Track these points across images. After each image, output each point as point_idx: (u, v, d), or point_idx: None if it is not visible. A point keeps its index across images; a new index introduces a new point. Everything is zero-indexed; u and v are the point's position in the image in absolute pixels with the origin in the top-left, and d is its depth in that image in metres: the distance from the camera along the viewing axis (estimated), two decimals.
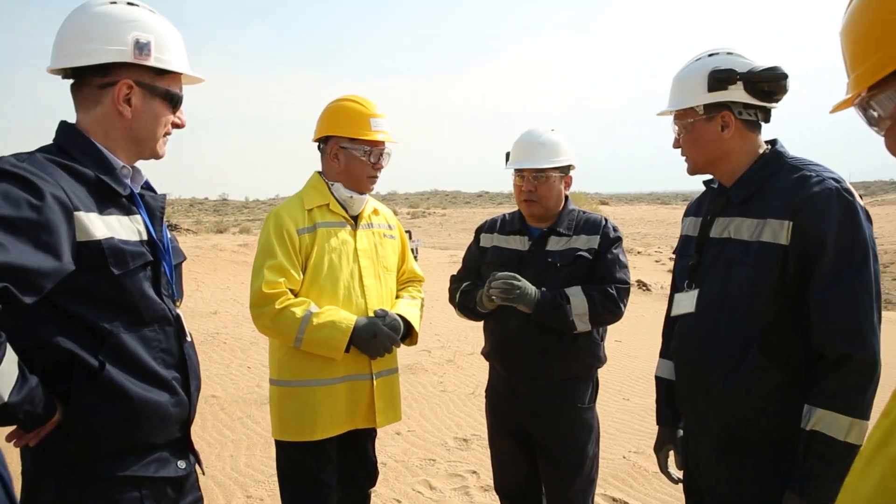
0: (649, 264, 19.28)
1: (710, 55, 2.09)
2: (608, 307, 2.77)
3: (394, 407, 2.89)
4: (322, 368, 2.66)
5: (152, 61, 1.70)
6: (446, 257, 16.89)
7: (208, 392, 5.95)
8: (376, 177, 2.83)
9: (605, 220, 2.96)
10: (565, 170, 2.91)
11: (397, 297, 2.97)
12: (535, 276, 2.82)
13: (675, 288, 2.29)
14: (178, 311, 1.85)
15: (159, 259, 1.77)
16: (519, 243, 2.97)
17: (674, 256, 2.43)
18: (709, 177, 2.26)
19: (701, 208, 2.28)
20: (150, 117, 1.74)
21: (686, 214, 2.40)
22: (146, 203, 1.80)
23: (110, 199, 1.67)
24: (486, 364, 3.11)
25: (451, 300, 3.13)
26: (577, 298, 2.74)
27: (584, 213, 2.99)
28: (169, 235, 1.94)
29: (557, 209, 2.92)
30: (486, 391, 3.16)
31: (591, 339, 2.86)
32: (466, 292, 3.02)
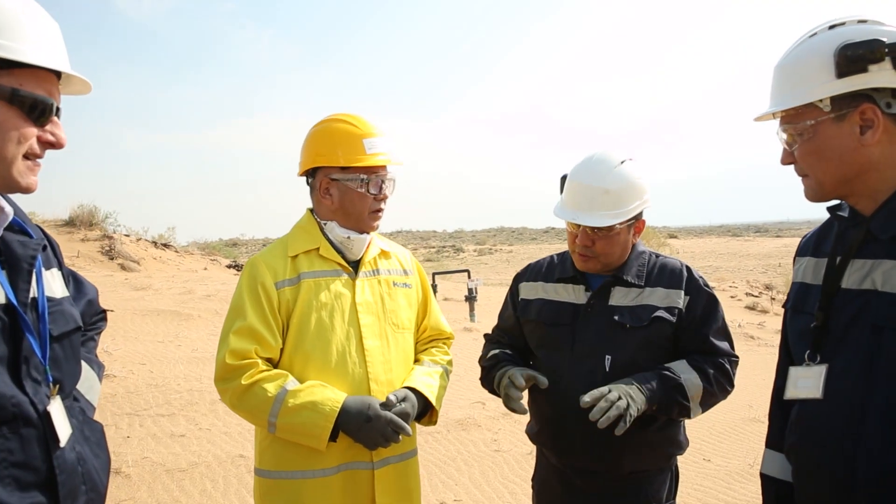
0: (724, 300, 18.15)
1: (833, 27, 1.49)
2: (723, 387, 2.15)
3: (407, 502, 2.23)
4: (311, 456, 2.09)
5: None
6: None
7: (236, 451, 5.41)
8: (381, 210, 2.25)
9: (687, 267, 2.26)
10: (636, 217, 2.22)
11: (416, 361, 2.36)
12: (597, 340, 2.16)
13: (790, 358, 1.70)
14: (56, 402, 1.33)
15: (21, 331, 1.27)
16: (573, 294, 2.28)
17: (781, 310, 1.83)
18: (834, 201, 1.64)
19: (824, 245, 1.67)
20: None
21: (800, 253, 1.78)
22: (9, 251, 1.31)
23: None
24: None
25: (480, 363, 2.50)
26: (688, 376, 2.08)
27: (657, 256, 2.30)
28: (62, 293, 1.45)
29: (621, 260, 2.25)
30: (532, 480, 2.48)
31: (670, 422, 2.18)
32: (487, 369, 2.38)
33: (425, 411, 2.25)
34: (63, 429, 1.35)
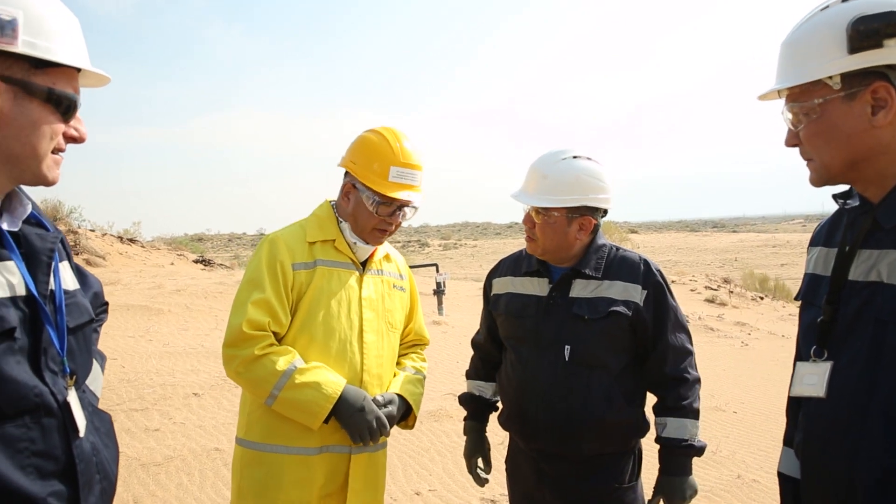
0: (685, 294, 18.59)
1: (843, 0, 1.37)
2: (698, 394, 2.36)
3: (374, 491, 2.36)
4: (298, 434, 2.20)
5: (20, 46, 1.22)
6: (476, 290, 16.40)
7: (211, 445, 5.44)
8: (387, 231, 2.35)
9: (645, 261, 2.38)
10: (578, 211, 2.30)
11: (398, 364, 2.51)
12: (557, 331, 2.30)
13: (799, 353, 1.60)
14: (73, 393, 1.34)
15: (41, 322, 1.28)
16: (538, 287, 2.42)
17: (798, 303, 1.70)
18: (840, 187, 1.56)
19: (835, 234, 1.56)
20: (25, 126, 1.27)
21: (813, 243, 1.68)
22: (28, 244, 1.32)
23: None
24: None
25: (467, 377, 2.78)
26: (676, 423, 2.31)
27: (617, 249, 2.41)
28: (74, 285, 1.47)
29: (565, 252, 2.35)
30: (505, 461, 2.63)
31: (627, 408, 2.32)
32: (462, 402, 2.78)
33: (405, 416, 2.40)
34: (80, 419, 1.36)
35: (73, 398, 1.35)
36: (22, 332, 1.24)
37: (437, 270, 14.03)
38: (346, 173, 2.35)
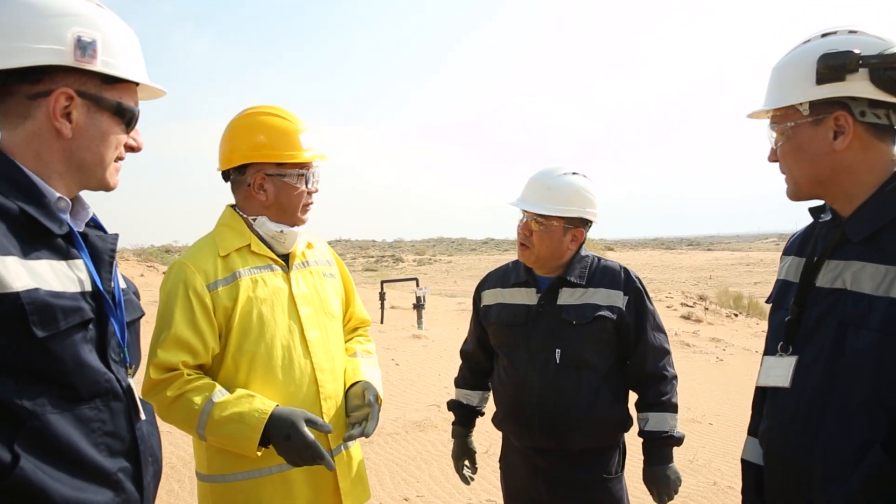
0: (661, 310, 18.72)
1: (825, 35, 1.55)
2: (676, 389, 2.53)
3: (362, 483, 2.30)
4: (268, 452, 2.01)
5: (98, 66, 1.35)
6: (454, 305, 16.53)
7: None
8: (312, 203, 2.27)
9: (625, 269, 2.57)
10: (573, 222, 2.49)
11: (351, 351, 2.45)
12: (548, 336, 2.47)
13: (766, 350, 1.74)
14: (131, 380, 1.45)
15: (106, 315, 1.39)
16: (526, 297, 2.59)
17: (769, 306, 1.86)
18: (816, 202, 1.72)
19: (806, 246, 1.72)
20: (95, 137, 1.40)
21: (786, 252, 1.84)
22: (91, 244, 1.43)
23: (39, 238, 1.30)
24: None
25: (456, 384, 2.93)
26: (657, 417, 2.49)
27: (598, 259, 2.60)
28: (124, 284, 1.57)
29: (556, 261, 2.53)
30: (499, 461, 2.79)
31: (614, 405, 2.50)
32: (450, 409, 2.95)
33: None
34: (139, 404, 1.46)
35: (133, 385, 1.45)
36: (92, 323, 1.35)
37: (417, 285, 14.14)
38: (245, 168, 2.17)
